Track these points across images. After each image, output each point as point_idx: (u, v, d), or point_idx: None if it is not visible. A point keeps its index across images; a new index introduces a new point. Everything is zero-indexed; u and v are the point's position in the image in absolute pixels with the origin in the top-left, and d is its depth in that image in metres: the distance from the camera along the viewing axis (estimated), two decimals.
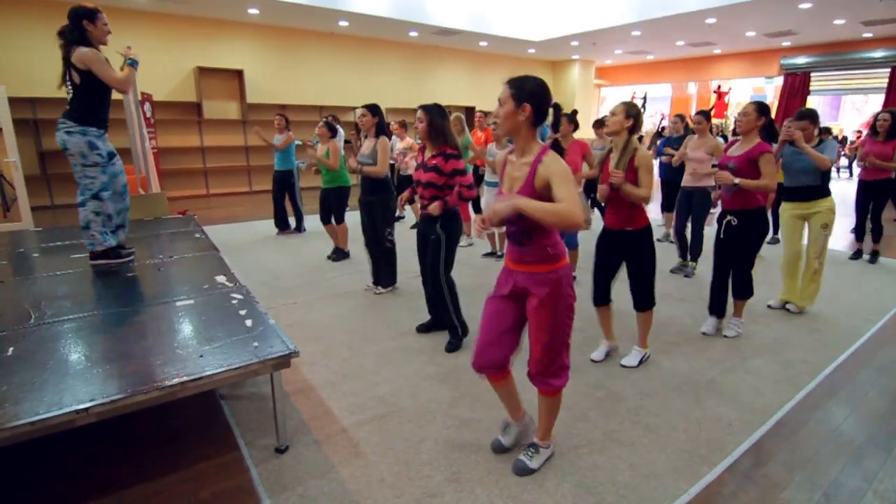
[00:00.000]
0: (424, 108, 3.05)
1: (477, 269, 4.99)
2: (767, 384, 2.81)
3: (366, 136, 4.04)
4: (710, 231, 3.97)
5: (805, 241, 3.87)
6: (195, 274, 3.08)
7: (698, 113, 4.76)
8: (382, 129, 3.93)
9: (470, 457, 2.14)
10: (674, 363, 3.03)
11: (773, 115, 3.55)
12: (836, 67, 11.38)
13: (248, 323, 2.29)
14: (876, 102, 12.36)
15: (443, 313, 3.24)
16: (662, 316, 3.75)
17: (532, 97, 1.71)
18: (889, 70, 10.52)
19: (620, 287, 3.05)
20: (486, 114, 6.65)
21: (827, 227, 3.69)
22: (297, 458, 2.12)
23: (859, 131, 12.31)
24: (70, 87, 2.96)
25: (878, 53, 10.48)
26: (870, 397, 2.72)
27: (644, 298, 2.91)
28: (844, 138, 14.85)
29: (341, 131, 6.06)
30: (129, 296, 2.73)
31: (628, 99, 2.77)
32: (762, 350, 3.24)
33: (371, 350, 3.17)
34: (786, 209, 3.86)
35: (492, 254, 5.49)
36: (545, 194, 1.72)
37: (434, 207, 3.05)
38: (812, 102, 12.23)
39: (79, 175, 3.05)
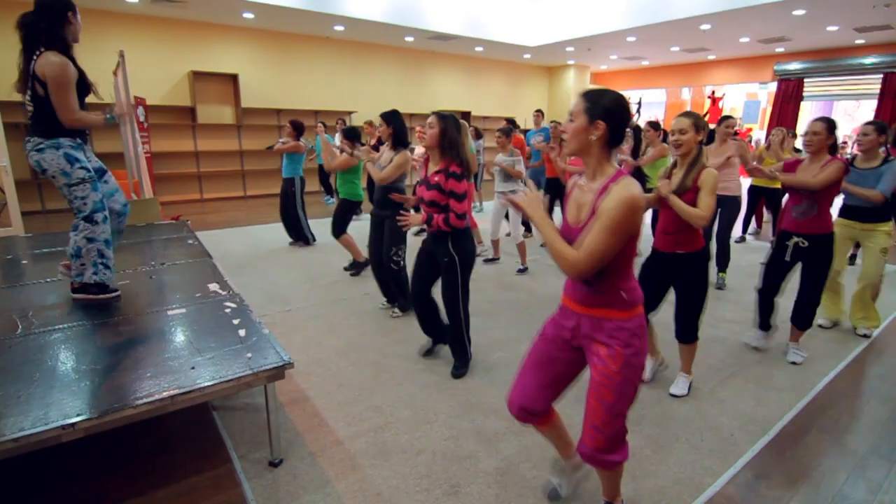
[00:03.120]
0: (439, 115, 2.70)
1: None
2: (768, 393, 2.78)
3: (385, 145, 3.74)
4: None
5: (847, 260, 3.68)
6: (187, 281, 3.03)
7: (725, 117, 4.45)
8: (401, 140, 3.55)
9: (469, 469, 2.10)
10: (673, 372, 3.00)
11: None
12: (829, 73, 11.45)
13: (242, 333, 2.24)
14: (868, 108, 12.45)
15: (443, 333, 3.04)
16: (661, 322, 3.72)
17: (608, 114, 1.49)
18: (881, 76, 10.60)
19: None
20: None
21: (886, 251, 3.45)
22: (291, 471, 2.07)
23: (845, 142, 12.34)
24: (30, 99, 2.41)
25: (871, 60, 10.54)
26: (872, 406, 2.70)
27: (690, 329, 2.65)
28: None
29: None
30: (119, 304, 2.67)
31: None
32: (762, 358, 3.21)
33: (367, 359, 3.12)
34: (838, 224, 3.48)
35: (494, 259, 5.45)
36: None
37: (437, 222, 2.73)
38: (805, 108, 12.30)
39: (68, 198, 2.54)
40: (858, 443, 2.36)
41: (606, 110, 1.48)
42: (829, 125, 2.96)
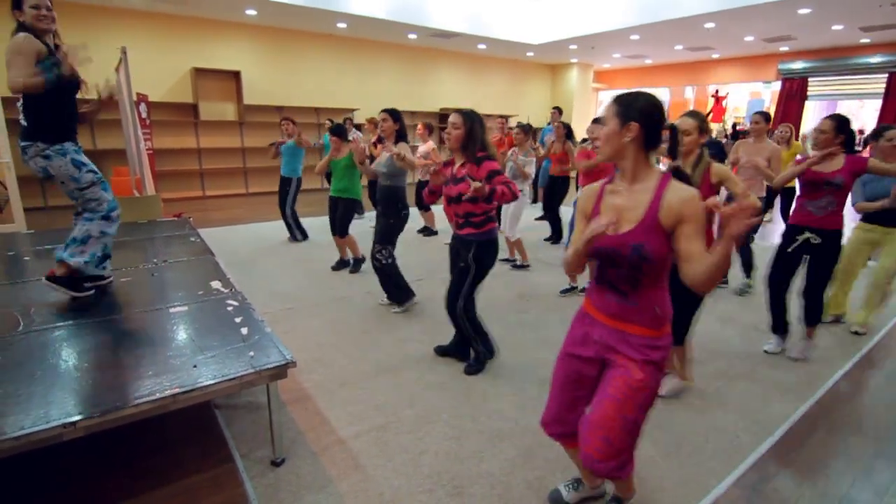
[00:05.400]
0: (463, 113, 2.69)
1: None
2: (774, 393, 2.76)
3: (382, 142, 3.84)
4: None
5: (869, 261, 3.66)
6: (189, 279, 3.01)
7: (758, 112, 4.32)
8: (403, 136, 3.69)
9: (472, 469, 2.08)
10: None
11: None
12: (834, 72, 11.39)
13: (244, 331, 2.23)
14: (872, 108, 12.38)
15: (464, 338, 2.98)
16: None
17: (641, 115, 1.46)
18: (886, 76, 10.53)
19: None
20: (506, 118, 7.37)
21: None
22: (293, 471, 2.06)
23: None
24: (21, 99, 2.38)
25: (876, 59, 10.48)
26: (877, 408, 2.68)
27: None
28: None
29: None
30: (121, 302, 2.66)
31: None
32: (768, 358, 3.19)
33: (369, 357, 3.10)
34: (858, 228, 3.58)
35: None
36: (671, 231, 1.43)
37: (478, 188, 2.53)
38: (809, 107, 12.24)
39: (80, 201, 2.59)
40: (864, 446, 2.34)
41: (639, 111, 1.46)
42: (838, 124, 2.86)
